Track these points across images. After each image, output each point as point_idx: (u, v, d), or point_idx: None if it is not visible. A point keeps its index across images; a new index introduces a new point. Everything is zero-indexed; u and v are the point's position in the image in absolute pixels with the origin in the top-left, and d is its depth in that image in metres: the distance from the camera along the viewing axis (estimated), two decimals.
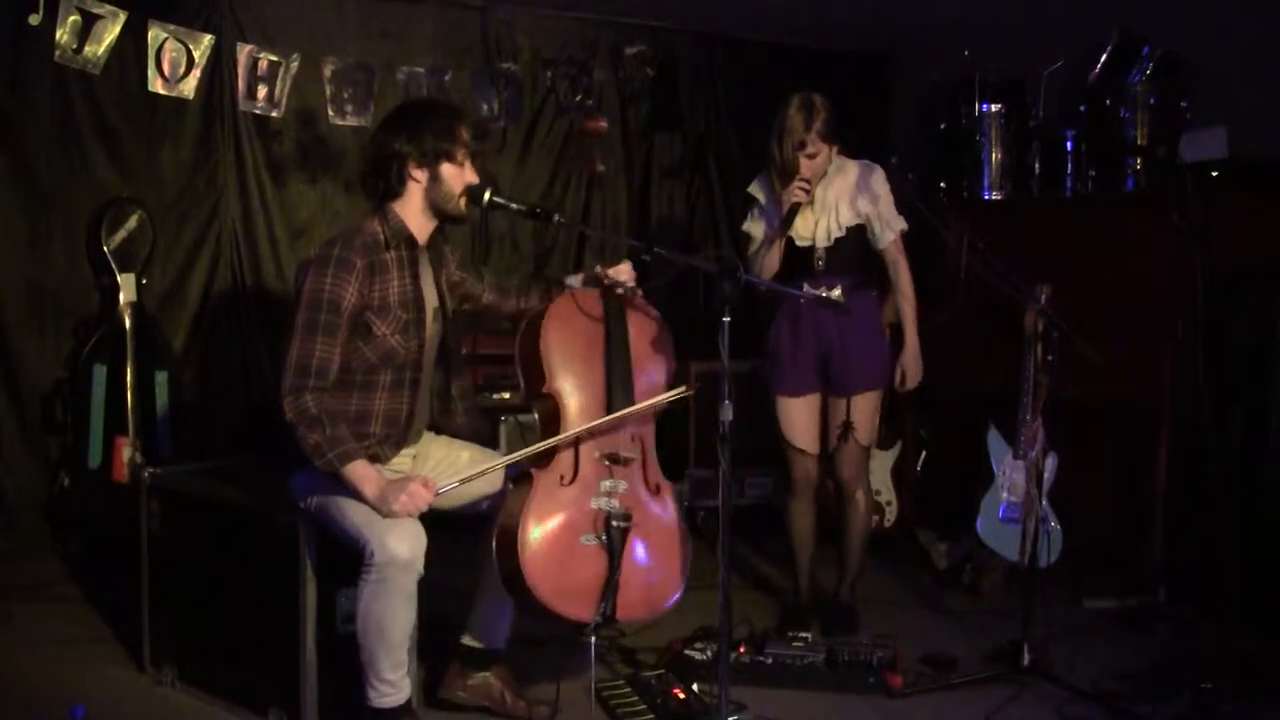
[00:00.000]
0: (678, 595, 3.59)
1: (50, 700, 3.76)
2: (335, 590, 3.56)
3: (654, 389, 3.69)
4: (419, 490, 3.28)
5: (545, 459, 3.46)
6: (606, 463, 3.52)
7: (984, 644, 4.45)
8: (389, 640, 3.28)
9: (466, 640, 3.76)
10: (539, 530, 3.35)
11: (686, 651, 4.15)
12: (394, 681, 3.33)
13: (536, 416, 3.60)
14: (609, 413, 3.54)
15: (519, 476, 3.49)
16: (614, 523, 3.41)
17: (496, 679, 3.76)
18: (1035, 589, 4.19)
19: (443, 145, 3.45)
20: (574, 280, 3.79)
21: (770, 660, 4.11)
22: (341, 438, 3.30)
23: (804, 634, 4.33)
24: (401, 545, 3.22)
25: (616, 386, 3.57)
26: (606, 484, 3.49)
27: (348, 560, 3.37)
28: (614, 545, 3.39)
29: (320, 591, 3.53)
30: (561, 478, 3.45)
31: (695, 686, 3.87)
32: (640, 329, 3.71)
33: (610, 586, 3.36)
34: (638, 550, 3.47)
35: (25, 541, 5.41)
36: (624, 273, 3.69)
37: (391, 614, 3.26)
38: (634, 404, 3.58)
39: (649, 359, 3.70)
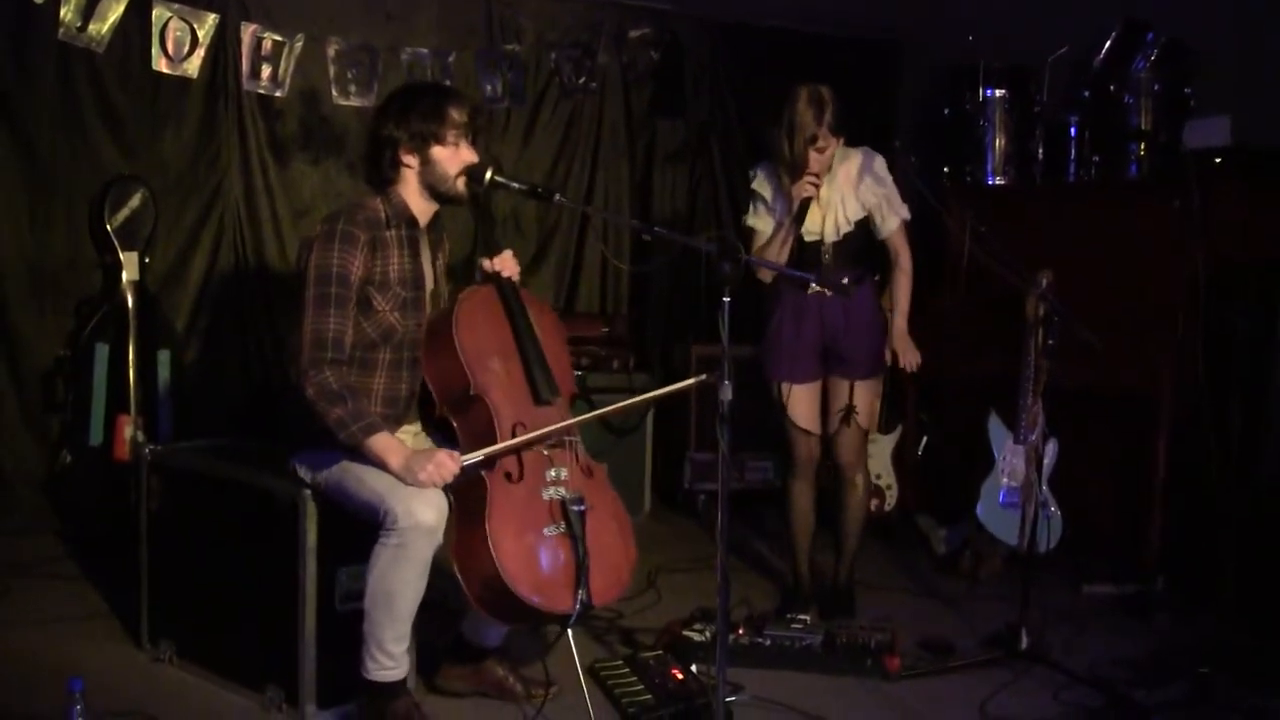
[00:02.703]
0: (634, 569, 3.56)
1: (48, 675, 3.76)
2: (335, 569, 3.56)
3: (565, 370, 3.70)
4: (445, 460, 3.28)
5: (490, 461, 3.37)
6: (547, 452, 3.47)
7: (982, 628, 4.46)
8: (397, 610, 3.29)
9: (465, 633, 3.76)
10: (506, 533, 3.27)
11: (685, 633, 4.15)
12: (395, 655, 3.34)
13: (458, 425, 3.49)
14: (536, 403, 3.51)
15: (465, 486, 3.36)
16: (571, 508, 3.36)
17: (494, 663, 3.76)
18: (1034, 574, 4.20)
19: (430, 127, 3.45)
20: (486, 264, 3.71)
21: (768, 642, 4.11)
22: (364, 411, 3.31)
23: (802, 616, 4.35)
24: (428, 511, 3.23)
25: (537, 373, 3.53)
26: (551, 473, 3.45)
27: (348, 539, 3.39)
28: (576, 529, 3.34)
29: (320, 570, 3.53)
30: (509, 475, 3.38)
31: (693, 667, 3.87)
32: (537, 313, 3.68)
33: (582, 570, 3.32)
34: (596, 531, 3.41)
35: (26, 518, 5.41)
36: (507, 262, 3.64)
37: (405, 581, 3.26)
38: (557, 389, 3.55)
39: (553, 340, 3.68)
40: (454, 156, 3.48)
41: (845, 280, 4.40)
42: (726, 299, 3.13)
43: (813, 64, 6.58)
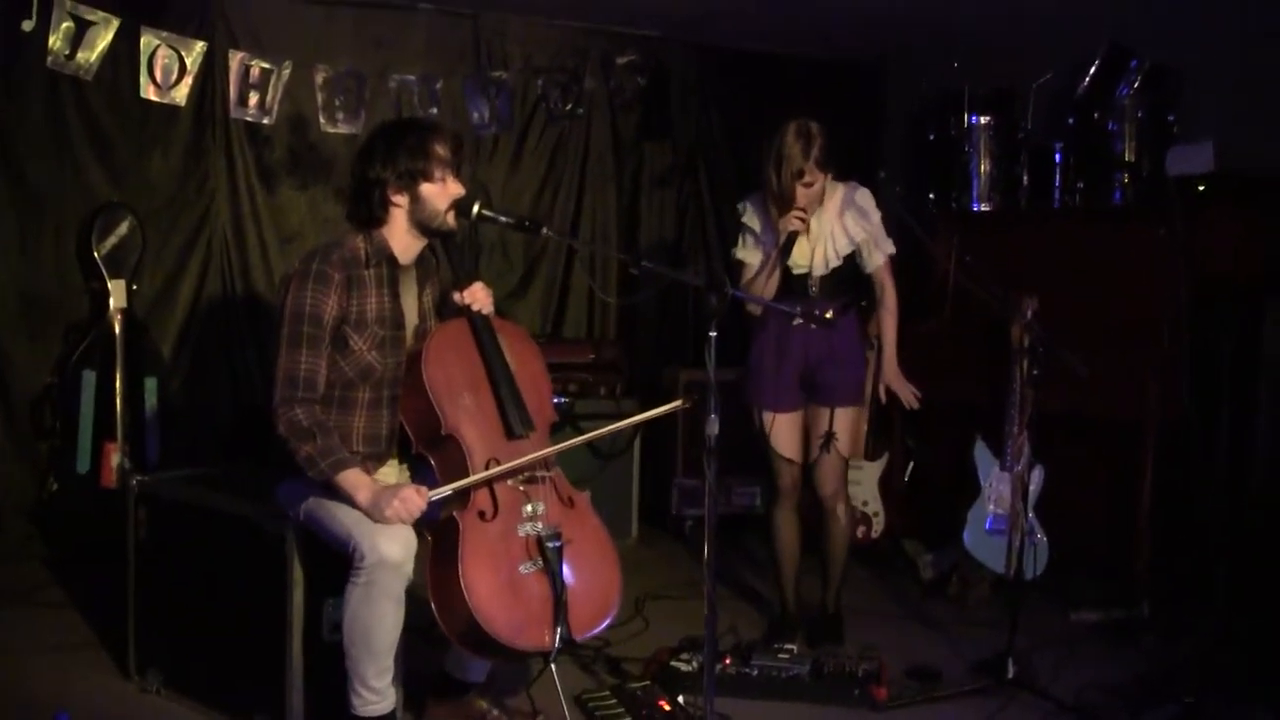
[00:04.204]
0: (619, 599, 3.54)
1: (35, 705, 3.76)
2: (321, 599, 3.56)
3: (543, 400, 3.68)
4: (411, 496, 3.28)
5: (463, 499, 3.36)
6: (522, 487, 3.45)
7: (969, 656, 4.47)
8: (375, 646, 3.29)
9: (448, 668, 3.75)
10: (480, 573, 3.25)
11: (672, 662, 4.15)
12: (379, 689, 3.33)
13: (434, 463, 3.47)
14: (509, 437, 3.48)
15: (440, 525, 3.36)
16: (547, 544, 3.34)
17: (477, 698, 3.75)
18: (1020, 601, 4.21)
19: (418, 165, 3.45)
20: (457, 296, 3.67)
21: (756, 672, 4.11)
22: (333, 447, 3.32)
23: (789, 645, 4.34)
24: (393, 546, 3.23)
25: (510, 407, 3.51)
26: (528, 508, 3.43)
27: (334, 569, 3.37)
28: (552, 566, 3.31)
29: (307, 600, 3.53)
30: (483, 514, 3.36)
31: (680, 698, 3.86)
32: (511, 343, 3.65)
33: (560, 606, 3.30)
34: (575, 564, 3.40)
35: (12, 545, 5.40)
36: (479, 294, 3.60)
37: (378, 618, 3.27)
38: (530, 422, 3.52)
39: (530, 371, 3.66)
40: (442, 192, 3.48)
41: (830, 313, 4.42)
42: (713, 333, 3.14)
43: (798, 88, 6.65)
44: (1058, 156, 5.76)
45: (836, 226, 4.45)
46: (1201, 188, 5.10)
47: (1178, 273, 5.00)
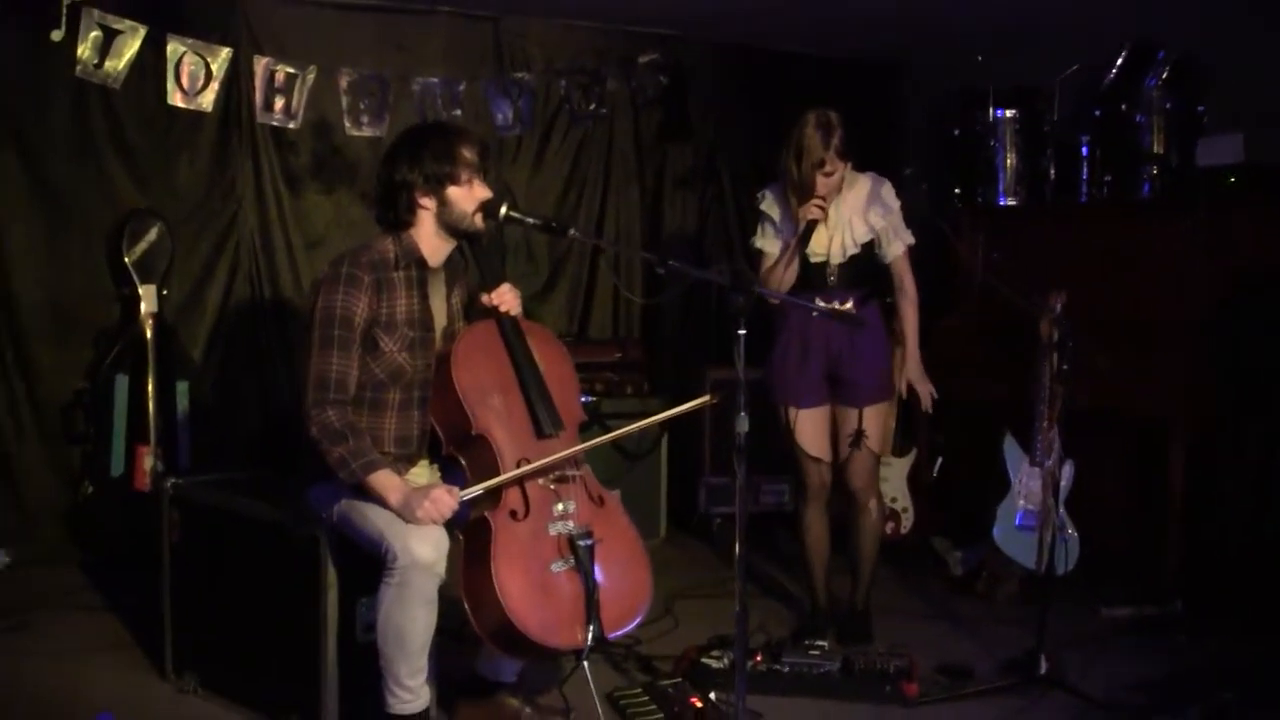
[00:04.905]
0: (650, 597, 3.56)
1: (75, 707, 3.80)
2: (354, 600, 3.59)
3: (571, 400, 3.69)
4: (442, 496, 3.30)
5: (494, 499, 3.39)
6: (553, 486, 3.47)
7: (1000, 651, 4.46)
8: (408, 646, 3.31)
9: (480, 668, 3.77)
10: (512, 572, 3.28)
11: (703, 660, 4.16)
12: (413, 688, 3.36)
13: (464, 463, 3.49)
14: (539, 437, 3.50)
15: (471, 525, 3.39)
16: (579, 543, 3.36)
17: (509, 697, 3.76)
18: (1051, 597, 4.20)
19: (444, 169, 3.48)
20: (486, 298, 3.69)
21: (787, 669, 4.12)
22: (364, 449, 3.34)
23: (820, 642, 4.35)
24: (424, 547, 3.26)
25: (539, 407, 3.53)
26: (559, 507, 3.45)
27: (367, 571, 3.40)
28: (584, 565, 3.33)
29: (340, 601, 3.56)
30: (514, 513, 3.38)
31: (712, 695, 3.87)
32: (539, 344, 3.67)
33: (592, 605, 3.32)
34: (606, 563, 3.41)
35: (48, 549, 5.45)
36: (506, 296, 3.64)
37: (411, 618, 3.29)
38: (559, 422, 3.54)
39: (557, 372, 3.67)
40: (469, 195, 3.51)
41: (849, 303, 4.43)
42: (741, 331, 3.14)
43: (820, 86, 6.63)
44: (1084, 150, 5.72)
45: (855, 215, 4.46)
46: (1231, 179, 5.06)
47: (1206, 266, 4.98)
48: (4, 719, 3.72)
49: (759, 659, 4.14)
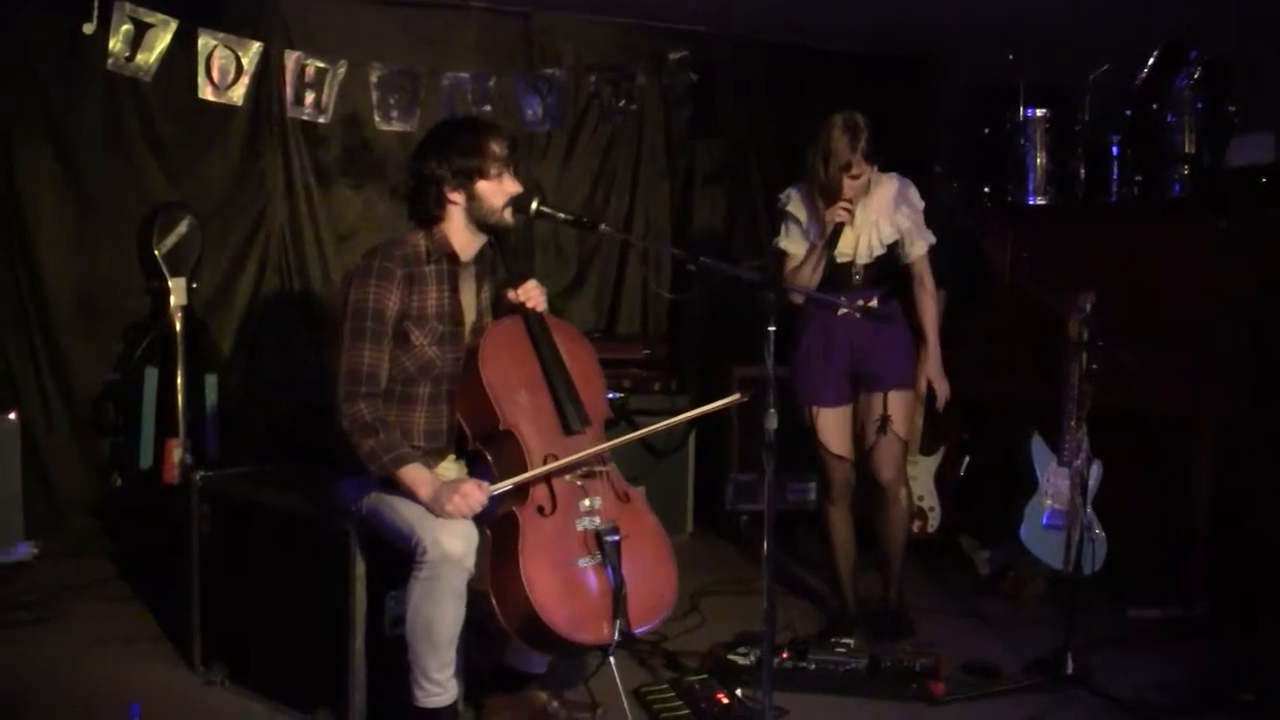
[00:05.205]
0: (676, 592, 3.56)
1: (103, 698, 3.82)
2: (383, 593, 3.61)
3: (598, 396, 3.69)
4: (472, 491, 3.32)
5: (522, 495, 3.39)
6: (579, 482, 3.48)
7: (1026, 651, 4.44)
8: (437, 639, 3.32)
9: (508, 661, 3.78)
10: (539, 567, 3.28)
11: (729, 656, 4.17)
12: (441, 682, 3.37)
13: (491, 459, 3.50)
14: (566, 433, 3.51)
15: (499, 521, 3.39)
16: (606, 538, 3.37)
17: (537, 690, 3.78)
18: (1078, 597, 4.19)
19: (473, 163, 3.49)
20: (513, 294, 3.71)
21: (813, 666, 4.13)
22: (395, 442, 3.36)
23: (846, 640, 4.35)
24: (455, 541, 3.27)
25: (565, 403, 3.54)
26: (585, 503, 3.45)
27: (395, 564, 3.42)
28: (611, 560, 3.34)
29: (369, 595, 3.58)
30: (541, 509, 3.38)
31: (739, 691, 3.88)
32: (565, 341, 3.68)
33: (619, 601, 3.32)
34: (632, 558, 3.41)
35: (78, 540, 5.50)
36: (532, 292, 3.65)
37: (440, 612, 3.30)
38: (586, 418, 3.55)
39: (583, 368, 3.68)
40: (498, 189, 3.52)
41: (875, 301, 4.43)
42: (771, 328, 3.14)
43: (849, 84, 6.62)
44: (1115, 149, 5.67)
45: (882, 216, 4.46)
46: (1263, 180, 5.03)
47: (1238, 265, 4.95)
48: (33, 709, 3.75)
49: (785, 656, 4.15)
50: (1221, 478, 4.95)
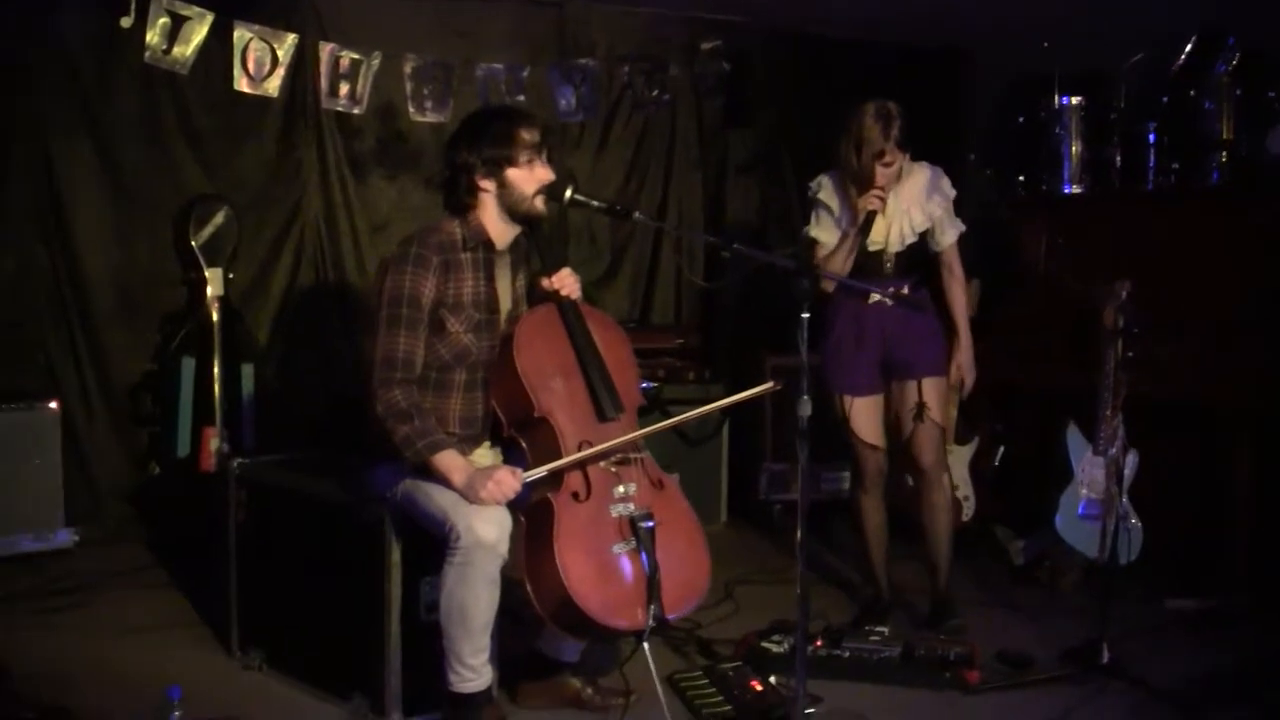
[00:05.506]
0: (709, 579, 3.57)
1: (142, 681, 3.86)
2: (417, 579, 3.63)
3: (631, 384, 3.71)
4: (506, 478, 3.34)
5: (556, 481, 3.41)
6: (614, 469, 3.49)
7: (1061, 641, 4.41)
8: (471, 625, 3.34)
9: (541, 648, 3.80)
10: (574, 553, 3.30)
11: (763, 644, 4.17)
12: (475, 667, 3.39)
13: (525, 446, 3.52)
14: (600, 420, 3.52)
15: (533, 507, 3.41)
16: (640, 524, 3.38)
17: (570, 677, 3.81)
18: (1113, 587, 4.17)
19: (503, 151, 3.51)
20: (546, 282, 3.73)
21: (847, 654, 4.12)
22: (430, 429, 3.38)
23: (880, 628, 4.34)
24: (488, 528, 3.28)
25: (600, 390, 3.55)
26: (619, 489, 3.47)
27: (430, 550, 3.44)
28: (646, 546, 3.36)
29: (404, 581, 3.61)
30: (576, 495, 3.40)
31: (772, 679, 3.88)
32: (598, 329, 3.69)
33: (654, 587, 3.33)
34: (666, 545, 3.42)
35: (115, 527, 5.56)
36: (566, 280, 3.67)
37: (474, 598, 3.32)
38: (621, 405, 3.57)
39: (617, 356, 3.69)
40: (529, 177, 3.53)
41: (906, 289, 4.42)
42: (805, 315, 3.14)
43: (882, 73, 6.60)
44: (1151, 137, 5.63)
45: (914, 204, 4.45)
46: None
47: (1277, 254, 4.90)
48: (71, 693, 3.77)
49: (819, 644, 4.14)
50: (1261, 468, 4.91)
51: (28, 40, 5.31)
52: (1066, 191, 5.85)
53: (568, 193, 3.56)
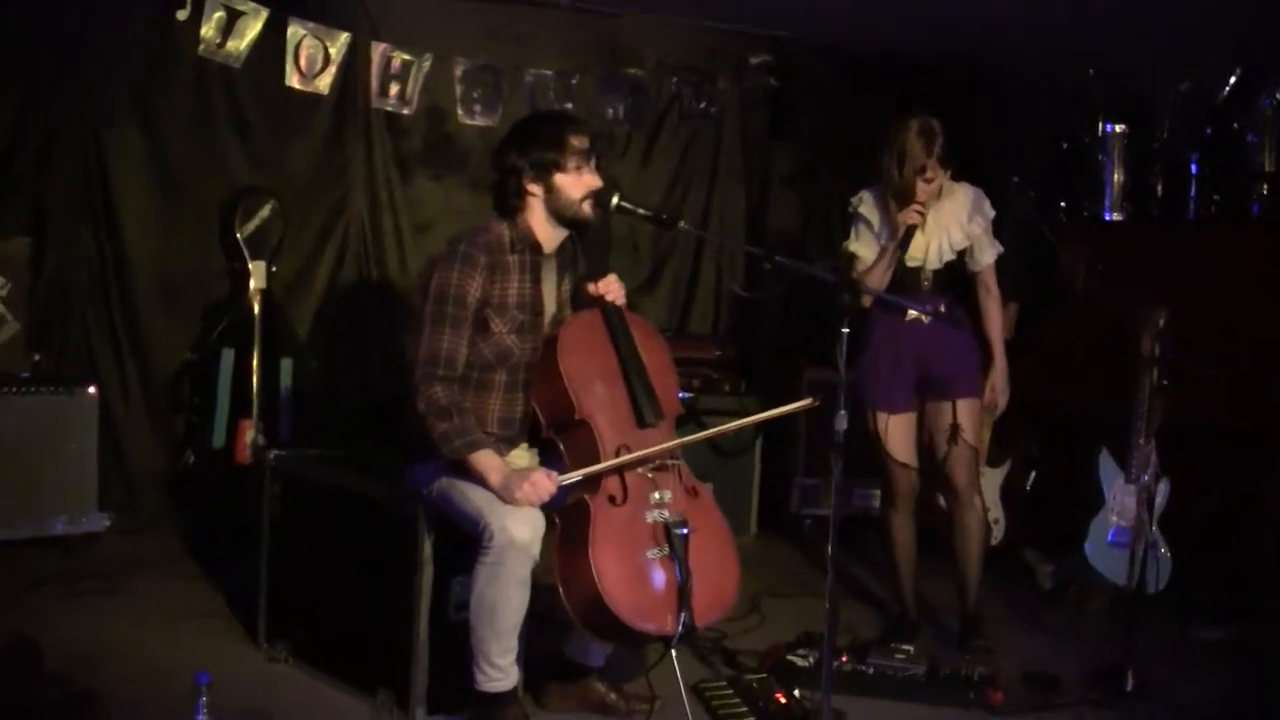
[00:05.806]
0: (738, 588, 3.60)
1: (170, 668, 3.89)
2: (449, 578, 3.66)
3: (671, 392, 3.73)
4: (541, 480, 3.36)
5: (593, 484, 3.44)
6: (650, 475, 3.52)
7: (1087, 665, 4.40)
8: (500, 625, 3.37)
9: (568, 652, 3.83)
10: (608, 556, 3.33)
11: (789, 657, 4.18)
12: (503, 667, 3.42)
13: (564, 448, 3.55)
14: (639, 425, 3.55)
15: (569, 508, 3.44)
16: (674, 531, 3.40)
17: (595, 682, 3.83)
18: (1141, 614, 4.15)
19: (551, 156, 3.54)
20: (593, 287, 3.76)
21: (872, 670, 4.11)
22: (469, 427, 3.41)
23: (906, 646, 4.33)
24: (521, 528, 3.31)
25: (640, 396, 3.58)
26: (655, 495, 3.49)
27: (463, 549, 3.47)
28: (679, 553, 3.38)
29: (435, 579, 3.63)
30: (612, 499, 3.43)
31: (797, 692, 3.89)
32: (640, 336, 3.72)
33: (685, 594, 3.36)
34: (698, 553, 3.44)
35: (149, 516, 5.61)
36: (612, 286, 3.70)
37: (504, 598, 3.34)
38: (660, 412, 3.59)
39: (658, 363, 3.72)
40: (577, 182, 3.56)
41: (943, 306, 4.43)
42: (845, 330, 3.16)
43: (925, 92, 6.57)
44: (1194, 167, 5.64)
45: (953, 222, 4.46)
46: None
47: None
48: (98, 675, 3.81)
49: (845, 659, 4.14)
50: None
51: (83, 28, 5.37)
52: (1108, 218, 5.85)
53: (614, 199, 3.59)
